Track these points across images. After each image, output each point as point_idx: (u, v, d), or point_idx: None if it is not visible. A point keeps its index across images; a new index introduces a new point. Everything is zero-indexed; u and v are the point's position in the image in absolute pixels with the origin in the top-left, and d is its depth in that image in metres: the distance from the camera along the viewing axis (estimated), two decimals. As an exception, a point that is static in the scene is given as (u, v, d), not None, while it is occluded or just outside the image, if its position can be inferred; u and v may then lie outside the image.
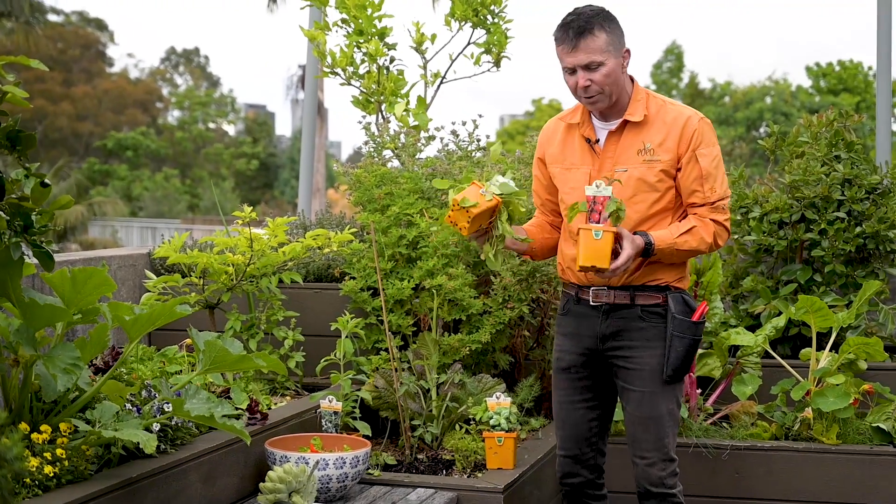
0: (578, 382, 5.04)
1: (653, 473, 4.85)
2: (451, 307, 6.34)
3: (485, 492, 5.31)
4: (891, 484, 5.88)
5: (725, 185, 4.83)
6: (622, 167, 4.81)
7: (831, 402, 6.00)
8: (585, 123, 4.92)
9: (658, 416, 4.85)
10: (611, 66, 4.71)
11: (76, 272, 4.17)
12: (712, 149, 4.82)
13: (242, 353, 4.45)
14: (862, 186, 7.17)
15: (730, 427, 6.35)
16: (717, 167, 4.81)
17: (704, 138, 4.80)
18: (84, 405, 4.37)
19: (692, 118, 4.81)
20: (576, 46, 4.69)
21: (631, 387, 4.88)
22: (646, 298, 4.85)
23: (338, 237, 6.42)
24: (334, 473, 5.02)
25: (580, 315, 4.97)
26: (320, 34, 7.44)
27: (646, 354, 4.85)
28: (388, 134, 7.06)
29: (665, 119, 4.83)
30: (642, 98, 4.87)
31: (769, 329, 6.68)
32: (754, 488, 6.02)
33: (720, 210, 4.79)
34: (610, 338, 4.90)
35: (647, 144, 4.80)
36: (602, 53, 4.69)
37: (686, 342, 4.81)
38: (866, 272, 7.21)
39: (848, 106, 36.73)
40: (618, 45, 4.74)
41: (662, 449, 4.86)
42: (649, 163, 4.79)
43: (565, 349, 5.05)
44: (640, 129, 4.84)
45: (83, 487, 4.04)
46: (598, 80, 4.70)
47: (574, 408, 5.06)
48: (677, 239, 4.71)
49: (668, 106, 4.87)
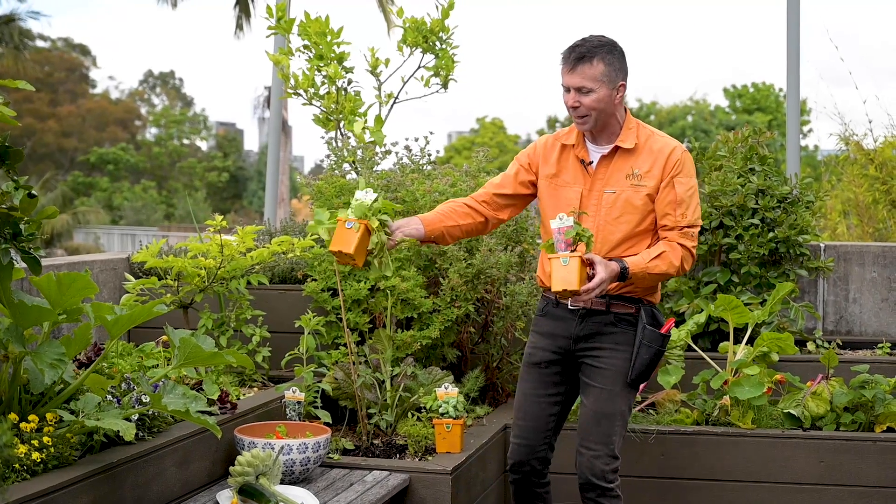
0: (547, 378, 5.04)
1: (597, 465, 4.83)
2: (404, 306, 6.33)
3: (435, 473, 5.31)
4: (799, 463, 5.92)
5: (697, 214, 4.84)
6: (611, 189, 4.82)
7: (747, 391, 6.02)
8: (580, 145, 4.92)
9: (611, 414, 4.85)
10: (601, 94, 4.71)
11: (61, 276, 4.15)
12: (689, 179, 4.83)
13: (214, 350, 4.43)
14: (774, 196, 7.21)
15: (656, 413, 6.36)
16: (692, 196, 4.82)
17: (684, 168, 4.82)
18: (69, 397, 4.33)
19: (676, 149, 4.84)
20: (573, 69, 4.71)
21: (594, 383, 4.89)
22: (620, 307, 4.87)
23: (300, 243, 6.40)
24: (298, 457, 5.00)
25: (557, 317, 4.98)
26: (284, 58, 7.42)
27: (613, 356, 4.87)
28: (347, 149, 7.04)
29: (652, 148, 4.84)
30: (633, 127, 4.88)
31: (691, 325, 6.71)
32: (678, 469, 6.04)
33: (689, 237, 4.79)
34: (583, 339, 4.91)
35: (635, 170, 4.82)
36: (595, 82, 4.69)
37: (652, 351, 4.83)
38: (778, 273, 7.26)
39: (761, 124, 36.88)
40: (614, 78, 4.73)
41: (609, 445, 4.84)
42: (636, 187, 4.80)
43: (539, 346, 5.05)
44: (630, 155, 4.85)
45: (68, 472, 4.01)
46: (587, 103, 4.71)
47: (538, 401, 5.06)
48: (649, 264, 4.71)
49: (655, 136, 4.89)
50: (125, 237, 36.67)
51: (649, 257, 4.72)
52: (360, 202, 4.71)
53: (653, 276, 4.73)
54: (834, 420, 6.06)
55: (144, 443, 4.50)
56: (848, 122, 19.72)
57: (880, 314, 7.58)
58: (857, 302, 7.62)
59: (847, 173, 13.74)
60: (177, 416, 4.50)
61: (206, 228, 6.36)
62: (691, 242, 4.80)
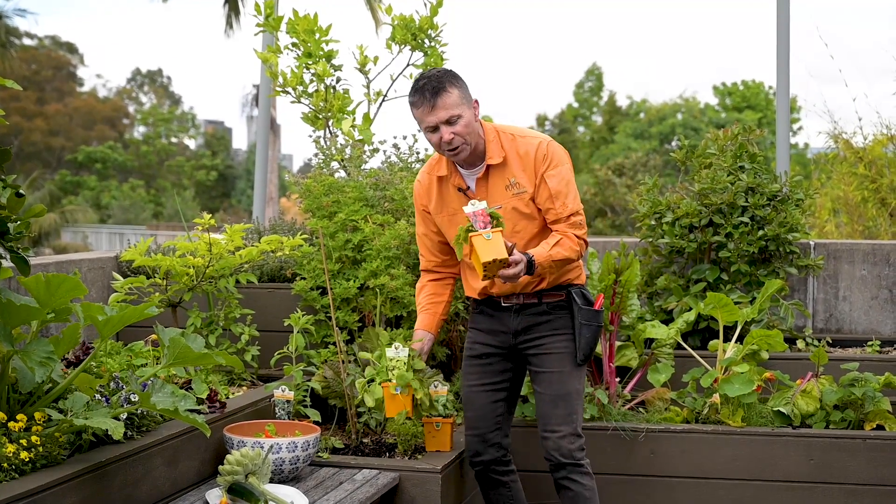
0: (488, 368, 5.18)
1: (563, 445, 4.94)
2: (393, 304, 6.34)
3: (424, 472, 5.32)
4: (789, 461, 5.93)
5: (577, 201, 4.95)
6: (496, 205, 4.90)
7: (737, 389, 6.04)
8: (453, 173, 5.03)
9: (567, 394, 4.99)
10: (467, 117, 4.80)
11: (50, 278, 4.14)
12: (560, 168, 4.92)
13: (204, 350, 4.43)
14: (764, 194, 7.22)
15: (646, 412, 6.38)
16: (567, 185, 4.91)
17: (552, 161, 4.91)
18: (57, 396, 4.33)
19: (540, 146, 4.92)
20: (434, 105, 4.77)
21: (542, 369, 5.03)
22: (550, 297, 5.05)
23: (289, 242, 6.41)
24: (287, 456, 5.00)
25: (492, 314, 5.14)
26: (272, 56, 7.41)
27: (555, 340, 5.03)
28: (336, 147, 7.04)
29: (519, 152, 4.93)
30: (494, 138, 4.96)
31: (681, 323, 6.72)
32: (668, 467, 6.05)
33: (577, 226, 4.91)
34: (522, 332, 5.07)
35: (511, 180, 4.93)
36: (458, 107, 4.77)
37: (592, 328, 5.00)
38: (768, 271, 7.27)
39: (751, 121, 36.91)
40: (468, 98, 4.85)
41: (571, 424, 4.97)
42: (518, 195, 4.92)
43: (479, 341, 5.20)
44: (502, 168, 4.94)
45: (56, 471, 4.01)
46: (460, 131, 4.78)
47: (483, 391, 5.19)
48: (551, 251, 4.81)
49: (517, 139, 4.96)
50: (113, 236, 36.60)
51: (549, 246, 4.83)
52: (401, 373, 5.06)
53: (557, 262, 4.84)
54: (824, 418, 6.07)
55: (133, 442, 4.50)
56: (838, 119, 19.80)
57: (870, 312, 7.60)
58: (846, 300, 7.64)
59: (837, 171, 13.78)
60: (166, 415, 4.51)
61: (194, 227, 6.36)
62: (580, 230, 4.92)
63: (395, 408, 5.13)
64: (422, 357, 5.19)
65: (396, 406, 5.12)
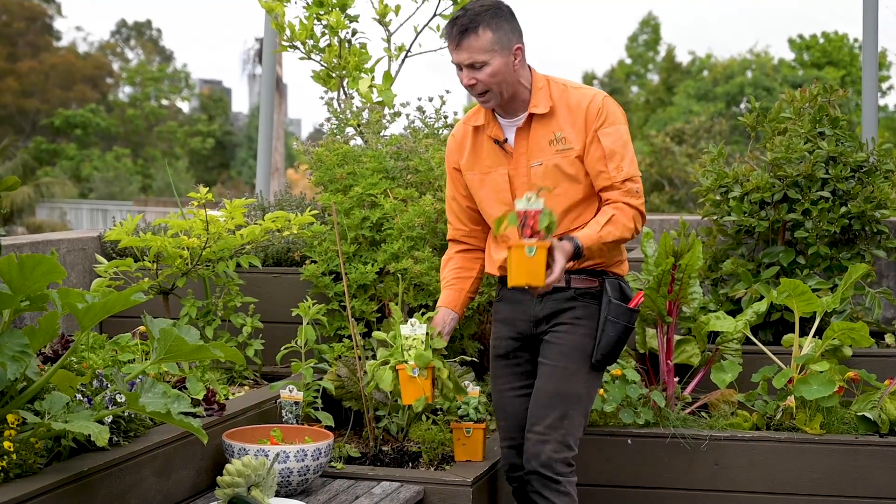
0: (517, 369, 5.13)
1: (543, 451, 4.86)
2: (417, 292, 6.35)
3: (453, 485, 5.34)
4: (876, 475, 5.92)
5: (634, 166, 4.88)
6: (537, 161, 4.89)
7: (815, 390, 6.03)
8: (491, 123, 5.01)
9: (565, 394, 4.90)
10: (497, 65, 4.77)
11: (24, 258, 4.16)
12: (617, 127, 4.89)
13: (199, 342, 4.45)
14: (847, 164, 7.20)
15: (709, 416, 6.38)
16: (624, 146, 4.87)
17: (608, 118, 4.88)
18: (33, 396, 4.36)
19: (595, 98, 4.89)
20: (459, 45, 4.77)
21: (547, 361, 4.97)
22: (581, 282, 4.97)
23: (298, 219, 6.43)
24: (295, 466, 5.03)
25: (515, 300, 5.08)
26: (278, 5, 7.43)
27: (572, 331, 4.95)
28: (351, 110, 7.06)
29: (570, 104, 4.90)
30: (543, 86, 4.94)
31: (750, 314, 6.71)
32: (734, 480, 6.05)
33: (632, 194, 4.84)
34: (543, 321, 5.01)
35: (557, 134, 4.89)
36: (486, 53, 4.74)
37: (619, 328, 4.91)
38: (852, 254, 7.25)
39: (832, 80, 36.86)
40: (506, 43, 4.79)
41: (559, 429, 4.87)
42: (563, 152, 4.88)
43: (501, 335, 5.16)
44: (548, 119, 4.91)
45: (32, 482, 4.04)
46: (483, 79, 4.77)
47: (514, 395, 5.13)
48: (601, 232, 4.75)
49: (570, 91, 4.94)
50: (95, 213, 36.74)
51: (599, 226, 4.76)
52: (419, 352, 4.93)
53: (608, 244, 4.78)
54: (916, 424, 6.07)
55: (119, 448, 4.54)
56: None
57: (970, 301, 7.57)
58: (943, 287, 7.63)
59: (932, 138, 13.72)
60: (156, 419, 4.53)
61: (188, 203, 6.39)
62: (637, 200, 4.85)
63: (412, 393, 4.96)
64: (443, 337, 5.09)
65: (414, 391, 4.95)
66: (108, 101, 55.23)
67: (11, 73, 49.45)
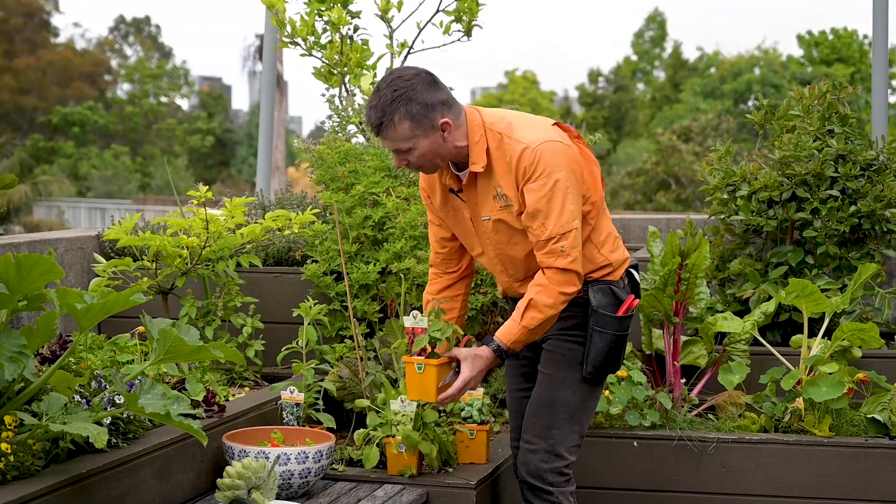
0: (522, 369, 5.12)
1: (532, 461, 4.84)
2: (420, 292, 6.35)
3: (456, 488, 5.34)
4: (886, 478, 5.91)
5: (562, 221, 4.61)
6: (485, 216, 4.79)
7: (824, 392, 6.03)
8: (445, 173, 4.88)
9: (551, 403, 4.86)
10: (423, 147, 4.62)
11: (21, 258, 4.15)
12: (542, 181, 4.62)
13: (199, 343, 4.45)
14: (857, 163, 7.20)
15: (716, 419, 6.38)
16: (549, 202, 4.61)
17: (535, 171, 4.62)
18: (30, 397, 4.36)
19: (524, 153, 4.64)
20: (378, 135, 4.66)
21: (540, 368, 4.95)
22: None
23: (299, 218, 6.43)
24: (296, 469, 5.03)
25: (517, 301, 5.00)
26: (279, 1, 7.43)
27: (560, 342, 4.88)
28: (353, 108, 7.06)
29: (504, 158, 4.70)
30: (480, 139, 4.71)
31: (758, 315, 6.71)
32: (742, 483, 6.05)
33: (556, 254, 4.62)
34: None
35: (498, 190, 4.72)
36: (408, 140, 4.60)
37: (607, 338, 4.79)
38: (861, 254, 7.24)
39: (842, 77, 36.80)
40: (428, 124, 4.60)
41: (548, 438, 4.84)
42: (506, 208, 4.73)
43: None
44: (488, 175, 4.75)
45: (30, 484, 4.04)
46: (414, 160, 4.67)
47: (521, 396, 5.13)
48: (523, 322, 4.66)
49: (504, 141, 4.70)
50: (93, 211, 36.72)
51: (520, 314, 4.66)
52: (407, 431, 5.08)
53: (537, 328, 4.68)
54: (926, 426, 6.07)
55: (118, 450, 4.54)
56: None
57: (982, 302, 7.56)
58: (954, 287, 7.61)
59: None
60: (156, 420, 4.53)
61: (188, 201, 6.39)
62: (564, 260, 4.62)
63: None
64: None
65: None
66: (107, 98, 55.26)
67: (8, 70, 49.48)
